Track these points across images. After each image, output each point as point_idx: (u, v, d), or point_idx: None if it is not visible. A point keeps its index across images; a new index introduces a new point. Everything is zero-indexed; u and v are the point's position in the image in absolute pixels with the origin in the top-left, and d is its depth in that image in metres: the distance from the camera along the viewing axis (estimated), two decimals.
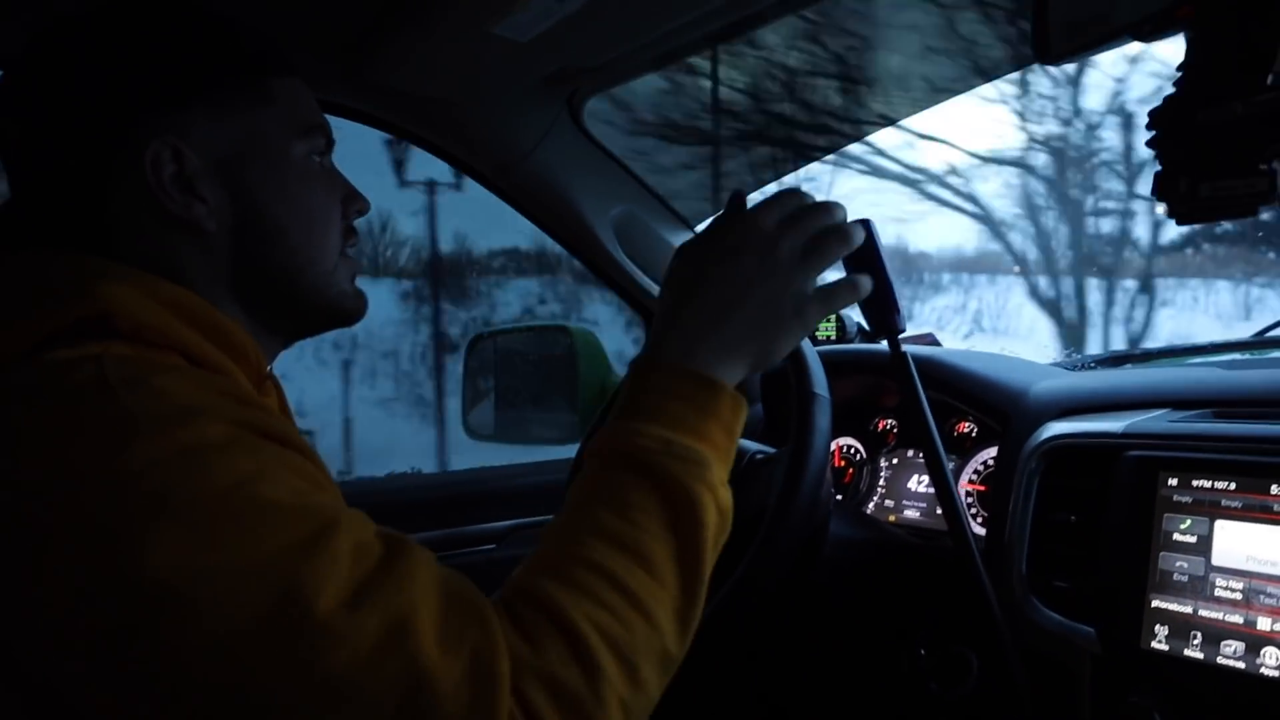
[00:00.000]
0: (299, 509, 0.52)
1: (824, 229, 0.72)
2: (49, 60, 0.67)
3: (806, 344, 1.02)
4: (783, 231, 0.70)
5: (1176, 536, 0.85)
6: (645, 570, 0.57)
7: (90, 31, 0.67)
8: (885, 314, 0.83)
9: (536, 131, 1.32)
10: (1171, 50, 0.70)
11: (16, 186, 0.69)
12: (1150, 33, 0.72)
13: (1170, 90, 0.69)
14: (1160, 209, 0.69)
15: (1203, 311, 7.31)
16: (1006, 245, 7.10)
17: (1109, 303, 6.74)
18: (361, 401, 7.27)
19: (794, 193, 0.73)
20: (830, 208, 0.73)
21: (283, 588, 0.49)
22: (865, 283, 0.76)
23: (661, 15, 1.04)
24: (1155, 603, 0.85)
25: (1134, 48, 0.79)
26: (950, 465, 1.26)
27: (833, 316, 1.49)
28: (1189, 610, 0.83)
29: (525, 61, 1.12)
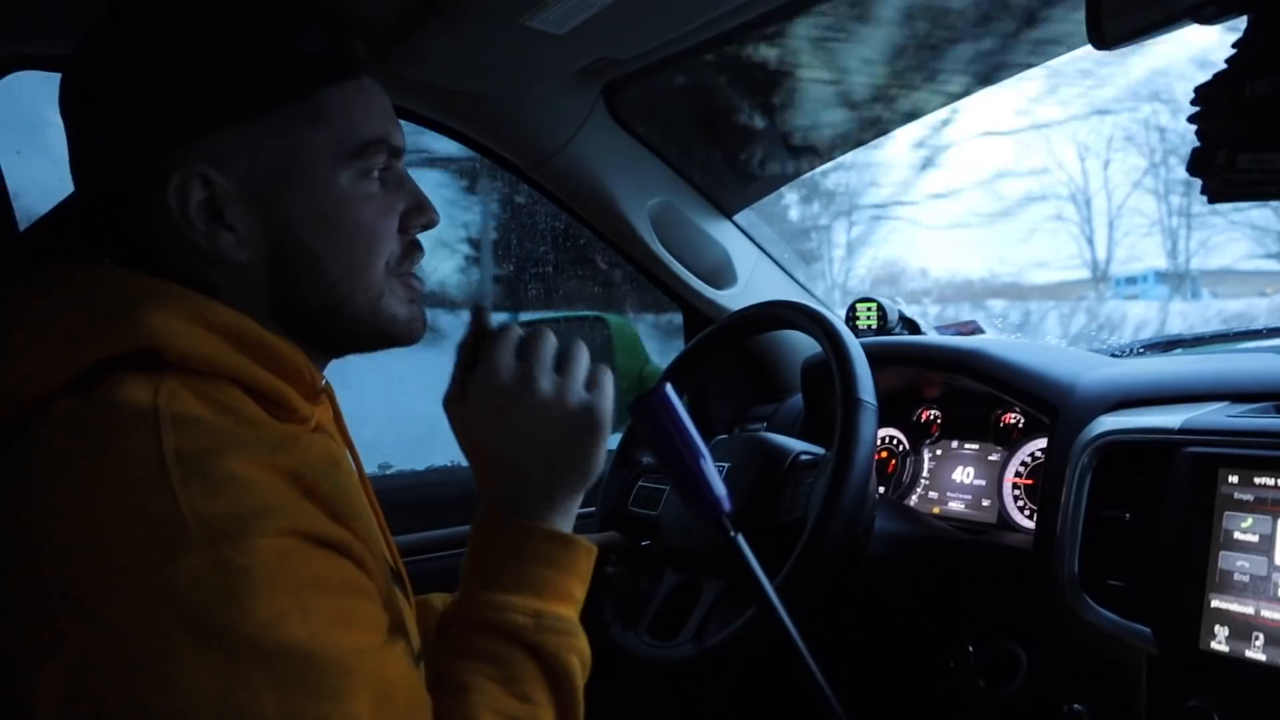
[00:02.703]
0: (325, 658, 0.51)
1: (552, 345, 0.73)
2: (88, 67, 0.63)
3: (854, 345, 1.00)
4: (527, 357, 0.71)
5: (1238, 535, 0.83)
6: None
7: (128, 40, 0.62)
8: (697, 494, 0.76)
9: (572, 123, 1.31)
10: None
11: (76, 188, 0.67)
12: (1213, 16, 0.70)
13: (1222, 68, 0.67)
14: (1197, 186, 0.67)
15: None
16: None
17: None
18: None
19: (506, 330, 0.73)
20: (542, 329, 0.74)
21: None
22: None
23: (700, 6, 1.02)
24: (1215, 603, 0.83)
25: None
26: (996, 456, 1.25)
27: (873, 306, 1.47)
28: (1251, 611, 0.81)
29: (561, 54, 1.11)
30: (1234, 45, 0.67)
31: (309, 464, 0.58)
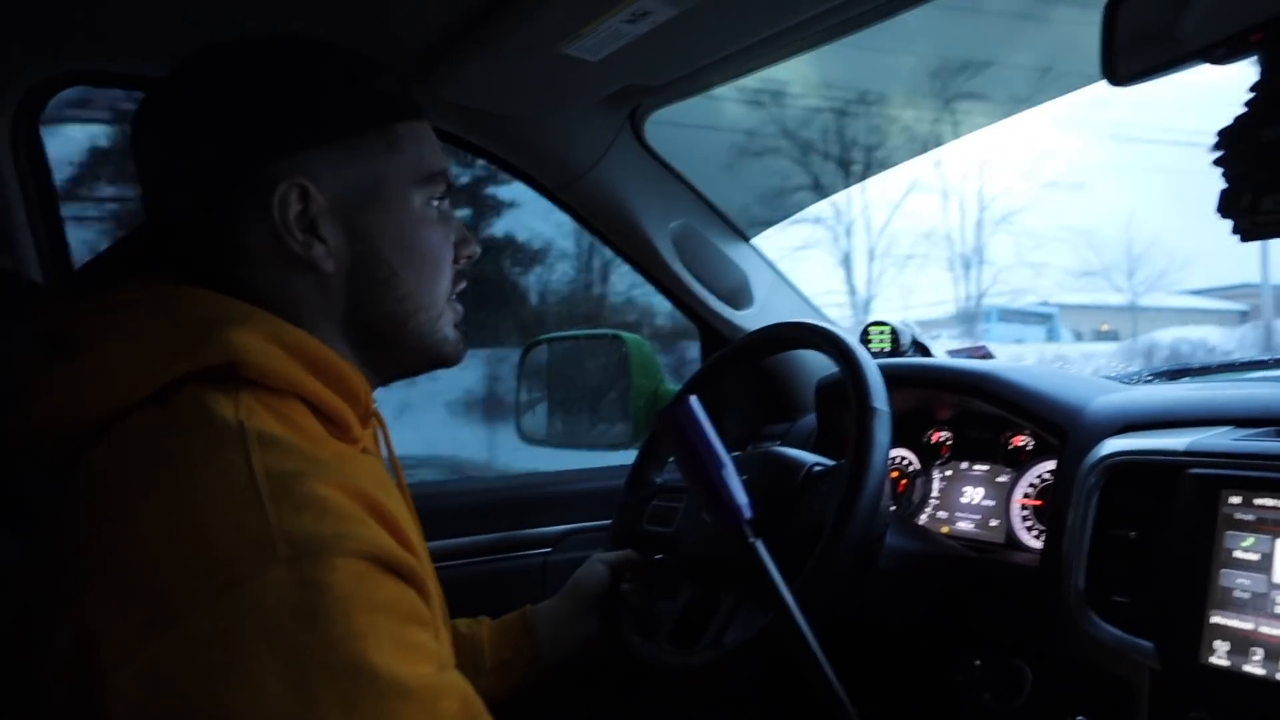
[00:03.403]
0: (390, 680, 0.52)
1: None
2: (194, 87, 0.68)
3: (868, 360, 1.03)
4: None
5: (1238, 554, 0.86)
6: None
7: (236, 65, 0.68)
8: (719, 502, 0.82)
9: (600, 146, 1.36)
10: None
11: (151, 207, 0.71)
12: (1222, 57, 0.73)
13: (1241, 110, 0.71)
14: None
15: None
16: None
17: None
18: None
19: None
20: None
21: None
22: None
23: (732, 36, 1.07)
24: (1215, 619, 0.85)
25: None
26: (1005, 478, 1.28)
27: (886, 329, 1.51)
28: (1250, 627, 0.83)
29: (593, 80, 1.16)
30: (1250, 89, 0.71)
31: (372, 486, 0.61)
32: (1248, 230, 0.68)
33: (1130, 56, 0.78)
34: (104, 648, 0.50)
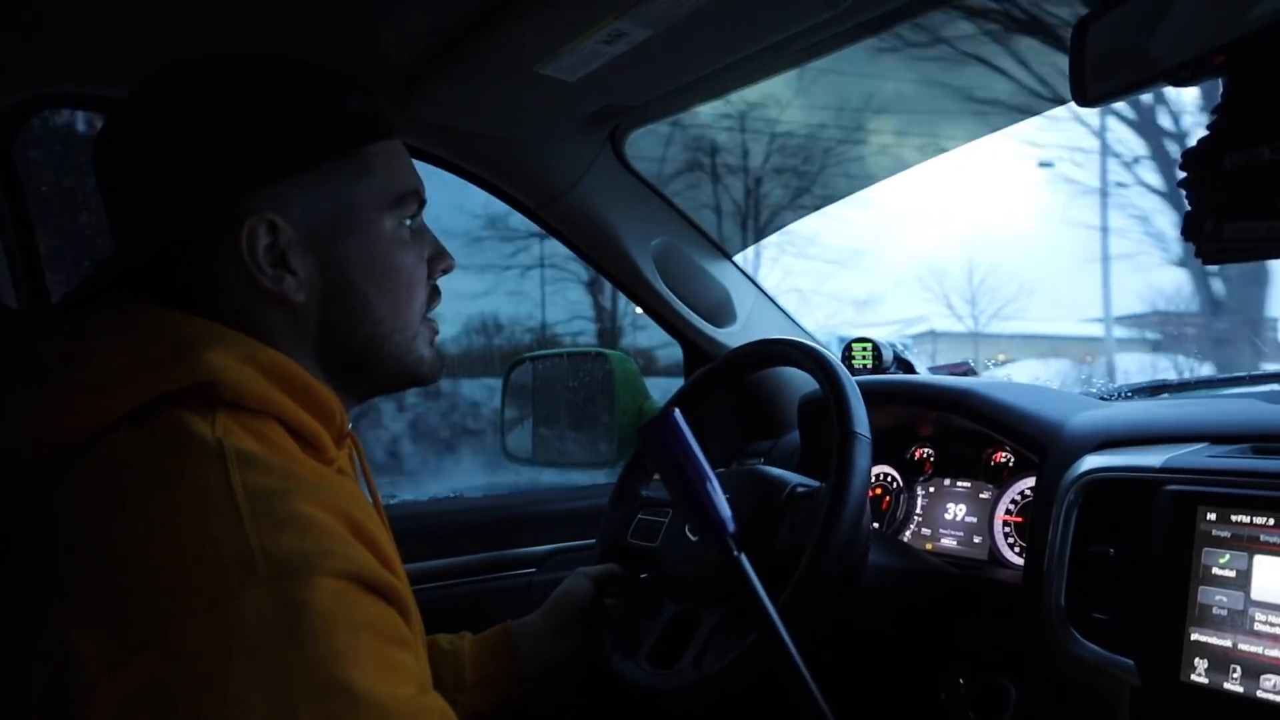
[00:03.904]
0: (370, 700, 0.52)
1: None
2: (156, 117, 0.67)
3: (849, 382, 1.03)
4: None
5: (1216, 571, 0.86)
6: None
7: (198, 94, 0.67)
8: (703, 515, 0.82)
9: (580, 165, 1.36)
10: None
11: (117, 236, 0.70)
12: (1186, 78, 0.74)
13: (1204, 133, 0.72)
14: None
15: None
16: None
17: None
18: None
19: None
20: None
21: None
22: None
23: (708, 57, 1.07)
24: (1195, 636, 0.86)
25: None
26: (987, 494, 1.28)
27: (868, 346, 1.51)
28: (1229, 644, 0.83)
29: (572, 100, 1.16)
30: (1212, 112, 0.72)
31: (352, 505, 0.60)
32: (1210, 254, 0.69)
33: (1099, 77, 0.78)
34: (85, 667, 0.49)
